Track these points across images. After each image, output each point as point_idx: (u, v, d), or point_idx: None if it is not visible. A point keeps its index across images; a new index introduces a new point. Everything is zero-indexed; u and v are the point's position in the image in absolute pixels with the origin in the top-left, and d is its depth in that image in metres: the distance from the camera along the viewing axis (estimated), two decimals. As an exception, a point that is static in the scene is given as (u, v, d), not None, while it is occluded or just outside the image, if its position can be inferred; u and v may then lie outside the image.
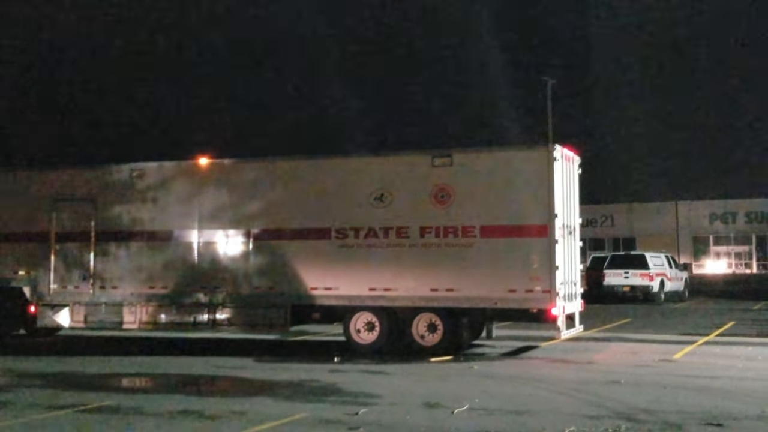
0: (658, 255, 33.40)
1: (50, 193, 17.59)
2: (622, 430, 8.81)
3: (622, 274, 32.02)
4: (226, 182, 16.52)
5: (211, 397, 11.23)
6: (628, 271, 31.95)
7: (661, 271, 32.15)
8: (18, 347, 17.33)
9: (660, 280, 31.81)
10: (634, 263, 32.22)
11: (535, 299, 14.47)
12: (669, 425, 9.08)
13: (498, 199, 14.81)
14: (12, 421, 9.59)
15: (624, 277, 31.94)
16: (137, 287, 16.74)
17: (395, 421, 9.39)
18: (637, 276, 31.67)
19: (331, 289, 15.47)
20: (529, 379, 12.41)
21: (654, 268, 31.87)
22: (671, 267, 33.16)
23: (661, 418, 9.40)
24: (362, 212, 15.43)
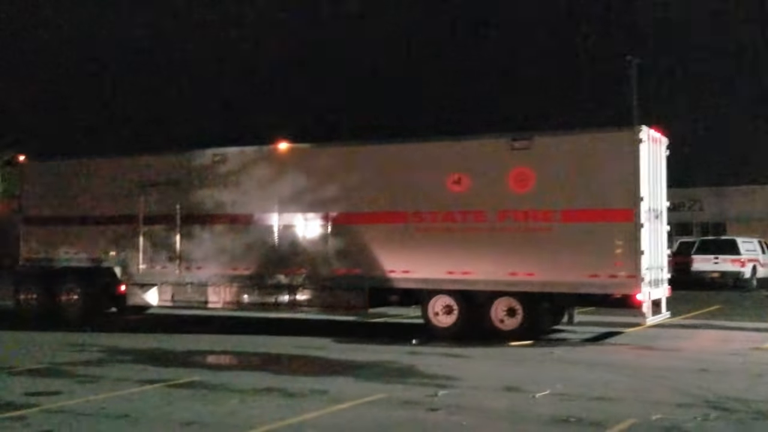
0: (750, 240, 32.25)
1: (138, 177, 18.15)
2: (712, 419, 8.56)
3: (711, 260, 31.06)
4: (305, 166, 16.72)
5: (292, 376, 11.46)
6: (717, 257, 30.97)
7: (753, 256, 31.05)
8: (109, 325, 18.03)
9: (752, 266, 30.74)
10: (725, 248, 31.19)
11: (619, 284, 14.21)
12: (761, 415, 8.78)
13: (580, 183, 14.57)
14: (106, 394, 10.00)
15: (713, 263, 30.98)
16: (221, 268, 17.16)
17: (475, 404, 9.40)
18: (728, 262, 30.69)
19: (408, 272, 15.53)
20: (613, 365, 12.21)
21: (746, 254, 30.80)
22: (764, 252, 31.97)
23: (753, 408, 9.10)
24: (440, 196, 15.41)
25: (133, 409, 9.12)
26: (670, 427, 8.24)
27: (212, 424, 8.51)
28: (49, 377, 11.25)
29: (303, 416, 8.77)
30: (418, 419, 8.69)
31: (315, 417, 8.76)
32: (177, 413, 8.96)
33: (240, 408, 9.18)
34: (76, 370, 11.84)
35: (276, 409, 9.12)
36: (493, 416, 8.80)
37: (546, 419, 8.60)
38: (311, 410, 9.03)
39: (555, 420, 8.56)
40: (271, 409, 9.16)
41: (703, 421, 8.50)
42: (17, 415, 8.84)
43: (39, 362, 12.56)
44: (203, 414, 8.92)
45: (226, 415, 8.83)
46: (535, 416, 8.74)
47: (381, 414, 8.92)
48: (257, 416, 8.77)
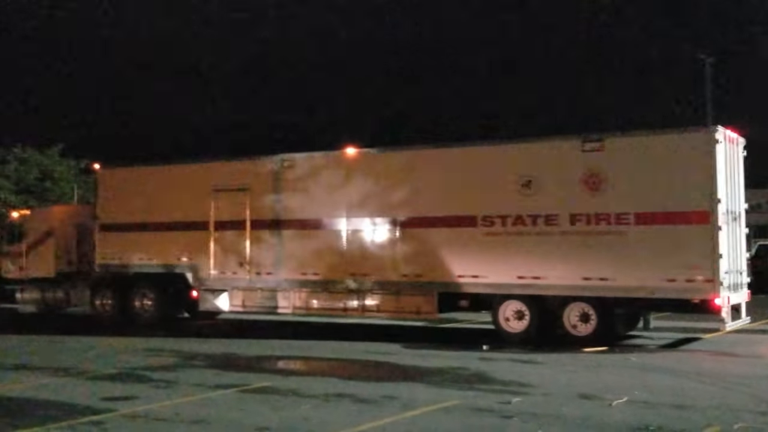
0: (831, 242, 31.05)
1: (209, 183, 18.41)
2: (796, 429, 8.26)
3: (792, 263, 29.95)
4: (373, 171, 16.73)
5: (363, 381, 11.43)
6: (799, 260, 29.86)
7: (834, 259, 29.85)
8: (182, 330, 18.33)
9: (833, 269, 29.53)
10: (806, 251, 30.10)
11: (696, 289, 13.81)
12: None
13: (655, 185, 14.21)
14: (180, 399, 10.15)
15: (795, 266, 29.87)
16: (290, 273, 17.28)
17: (550, 411, 9.22)
18: (808, 265, 29.55)
19: (478, 277, 15.38)
20: (692, 372, 11.86)
21: (826, 256, 29.65)
22: None
23: (840, 417, 8.75)
24: (509, 199, 15.23)
25: (207, 414, 9.23)
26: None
27: (285, 429, 8.55)
28: (125, 382, 11.48)
29: (376, 422, 8.73)
30: (493, 426, 8.56)
31: (388, 423, 8.71)
32: (250, 418, 9.02)
33: (312, 414, 9.20)
34: (152, 375, 12.06)
35: (348, 415, 9.11)
36: (568, 424, 8.62)
37: (624, 427, 8.39)
38: (384, 416, 8.99)
39: (633, 428, 8.34)
40: (343, 415, 9.16)
41: (789, 431, 8.19)
42: (96, 420, 9.04)
43: (115, 367, 12.83)
44: (276, 419, 8.96)
45: (299, 421, 8.85)
46: (613, 424, 8.53)
47: (455, 421, 8.82)
48: (330, 422, 8.78)
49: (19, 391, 10.93)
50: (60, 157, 37.59)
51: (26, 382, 11.55)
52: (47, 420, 9.01)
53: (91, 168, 22.67)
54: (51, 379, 11.85)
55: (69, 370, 12.60)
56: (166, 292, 19.33)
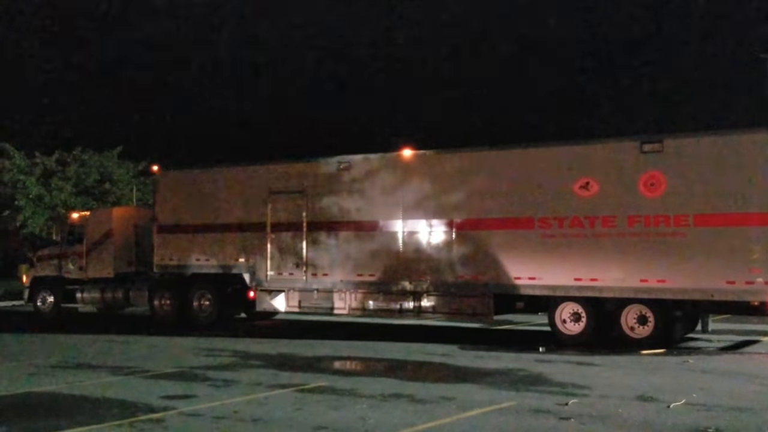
0: None
1: (266, 185, 18.70)
2: None
3: None
4: (429, 173, 16.80)
5: (419, 382, 11.52)
6: None
7: None
8: (240, 330, 18.64)
9: None
10: None
11: (756, 291, 13.59)
12: None
13: (714, 186, 14.01)
14: (239, 398, 10.36)
15: None
16: (346, 274, 17.45)
17: (607, 413, 9.20)
18: None
19: (534, 279, 15.35)
20: (751, 375, 11.69)
21: None
22: None
23: None
24: (566, 201, 15.16)
25: (265, 414, 9.41)
26: (819, 442, 7.85)
27: (342, 429, 8.68)
28: (184, 381, 11.73)
29: (433, 422, 8.82)
30: (550, 428, 8.59)
31: (445, 423, 8.79)
32: (307, 418, 9.17)
33: (369, 413, 9.31)
34: (210, 374, 12.31)
35: (405, 415, 9.21)
36: (626, 426, 8.59)
37: (681, 430, 8.34)
38: (441, 417, 9.07)
39: (690, 431, 8.28)
40: (399, 415, 9.26)
41: None
42: (156, 418, 9.28)
43: (174, 366, 13.12)
44: (333, 419, 9.10)
45: (356, 420, 8.98)
46: (671, 426, 8.48)
47: (511, 422, 8.86)
48: (387, 422, 8.89)
49: (79, 389, 11.25)
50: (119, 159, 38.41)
51: (87, 381, 11.88)
52: (107, 417, 9.28)
53: (150, 170, 23.15)
54: (111, 377, 12.19)
55: (128, 369, 12.94)
56: (224, 293, 19.65)
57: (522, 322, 18.83)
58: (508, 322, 18.70)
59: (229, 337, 17.17)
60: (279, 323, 20.31)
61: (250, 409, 9.64)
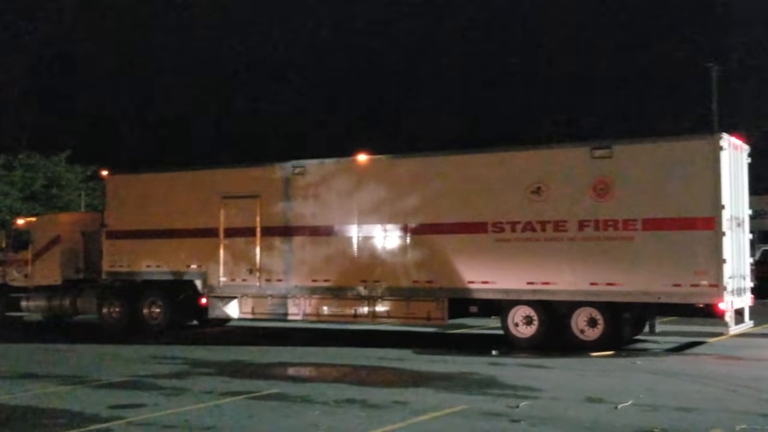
0: (837, 247, 31.08)
1: (219, 190, 18.55)
2: (800, 431, 8.35)
3: (795, 268, 30.01)
4: (384, 178, 16.86)
5: (373, 387, 11.53)
6: (802, 265, 29.91)
7: (838, 264, 29.87)
8: (191, 337, 18.44)
9: (837, 273, 29.55)
10: (810, 256, 30.14)
11: (701, 294, 13.91)
12: None
13: (661, 191, 14.31)
14: (189, 406, 10.23)
15: (798, 271, 29.92)
16: (301, 280, 17.40)
17: (557, 415, 9.32)
18: (813, 270, 29.59)
19: (488, 283, 15.49)
20: (696, 375, 11.95)
21: (832, 262, 29.68)
22: None
23: (844, 420, 8.83)
24: (519, 206, 15.34)
25: (217, 422, 9.30)
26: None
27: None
28: (133, 390, 11.52)
29: (385, 428, 8.83)
30: (501, 430, 8.66)
31: (397, 428, 8.81)
32: (259, 425, 9.11)
33: (322, 420, 9.28)
34: (160, 382, 12.12)
35: (358, 421, 9.21)
36: (576, 427, 8.71)
37: (630, 430, 8.49)
38: (393, 421, 9.09)
39: (639, 431, 8.43)
40: (352, 420, 9.25)
41: (791, 432, 8.30)
42: (103, 428, 9.10)
43: (123, 375, 12.88)
44: (285, 426, 9.06)
45: (308, 427, 8.95)
46: (619, 427, 8.63)
47: (463, 425, 8.92)
48: (339, 428, 8.88)
49: (25, 399, 10.97)
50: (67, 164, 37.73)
51: (32, 390, 11.58)
52: (54, 428, 9.09)
53: (99, 175, 22.79)
54: (58, 387, 11.90)
55: (76, 378, 12.65)
56: (175, 300, 19.41)
57: (476, 325, 18.97)
58: (462, 326, 18.83)
59: (180, 345, 16.96)
60: (232, 330, 20.15)
61: (201, 418, 9.53)
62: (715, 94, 38.21)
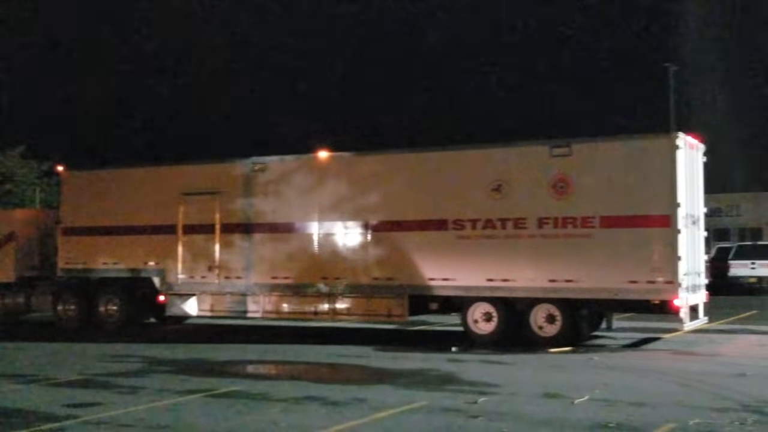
0: (787, 245, 31.84)
1: (177, 186, 18.35)
2: (749, 423, 8.53)
3: (748, 265, 30.74)
4: (346, 175, 16.82)
5: (333, 384, 11.52)
6: (755, 262, 30.65)
7: (789, 261, 30.62)
8: (149, 335, 18.23)
9: (788, 270, 30.31)
10: (762, 253, 30.88)
11: (657, 290, 14.11)
12: (802, 421, 8.72)
13: (619, 189, 14.49)
14: (146, 405, 10.12)
15: (751, 268, 30.66)
16: (260, 277, 17.29)
17: (515, 410, 9.40)
18: (765, 267, 30.36)
19: (448, 280, 15.55)
20: (652, 371, 12.14)
21: (783, 259, 30.40)
22: (800, 257, 31.52)
23: (792, 413, 9.04)
24: (479, 203, 15.42)
25: (174, 420, 9.22)
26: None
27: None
28: (88, 388, 11.36)
29: (344, 425, 8.83)
30: (459, 426, 8.71)
31: (357, 425, 8.81)
32: (217, 423, 9.04)
33: (280, 417, 9.25)
34: (116, 381, 11.96)
35: (317, 418, 9.19)
36: (532, 422, 8.79)
37: (585, 425, 8.59)
38: (352, 419, 9.09)
39: (595, 426, 8.55)
40: (311, 417, 9.23)
41: (740, 425, 8.49)
42: (57, 427, 8.96)
43: (79, 373, 12.69)
44: (243, 424, 9.00)
45: (267, 425, 8.91)
46: (575, 422, 8.73)
47: (422, 422, 8.95)
48: (298, 425, 8.85)
49: (-21, 398, 10.75)
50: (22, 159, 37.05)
51: (-14, 390, 11.35)
52: (6, 428, 8.92)
53: (55, 170, 22.41)
54: (11, 386, 11.67)
55: (30, 376, 12.43)
56: (132, 297, 19.15)
57: (436, 322, 19.04)
58: (423, 322, 18.88)
59: (137, 343, 16.75)
60: (190, 328, 19.96)
61: (158, 416, 9.43)
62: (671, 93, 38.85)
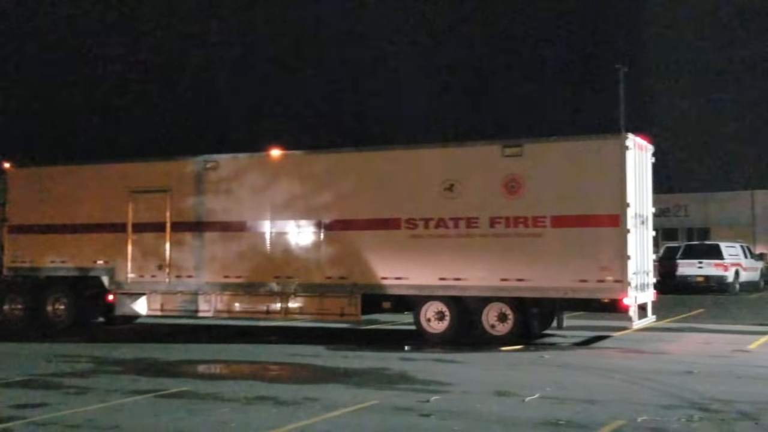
0: (733, 245, 32.60)
1: (127, 184, 18.08)
2: (696, 420, 8.70)
3: (696, 264, 31.37)
4: (298, 173, 16.74)
5: (285, 384, 11.46)
6: (702, 261, 31.28)
7: (736, 261, 31.37)
8: (98, 335, 17.92)
9: (735, 270, 31.05)
10: (709, 253, 31.52)
11: (606, 289, 14.32)
12: (743, 415, 8.93)
13: (569, 189, 14.67)
14: (94, 405, 9.95)
15: (698, 267, 31.29)
16: (212, 276, 17.13)
17: (466, 408, 9.44)
18: (712, 266, 31.00)
19: (401, 279, 15.57)
20: (601, 368, 12.30)
21: (729, 258, 31.14)
22: (746, 257, 32.33)
23: (735, 408, 9.25)
24: (432, 202, 15.47)
25: (123, 420, 9.07)
26: (656, 429, 8.37)
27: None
28: (35, 389, 11.12)
29: (295, 424, 8.78)
30: (411, 425, 8.73)
31: (308, 425, 8.77)
32: (167, 423, 8.93)
33: (231, 417, 9.16)
34: (64, 381, 11.74)
35: (268, 418, 9.12)
36: (484, 420, 8.85)
37: (536, 422, 8.67)
38: (304, 418, 9.04)
39: (545, 423, 8.64)
40: (262, 417, 9.16)
41: (687, 422, 8.65)
42: (2, 428, 8.77)
43: (25, 374, 12.41)
44: (193, 424, 8.90)
45: (217, 425, 8.82)
46: (526, 420, 8.81)
47: (374, 420, 8.94)
48: (248, 425, 8.78)
49: None
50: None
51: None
52: (-48, 428, 8.73)
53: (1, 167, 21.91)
54: (-44, 387, 11.41)
55: (-25, 377, 12.15)
56: (81, 296, 18.80)
57: (389, 321, 19.06)
58: (376, 321, 18.89)
59: (85, 343, 16.46)
60: (140, 327, 19.66)
61: (106, 417, 9.27)
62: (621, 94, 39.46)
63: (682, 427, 8.42)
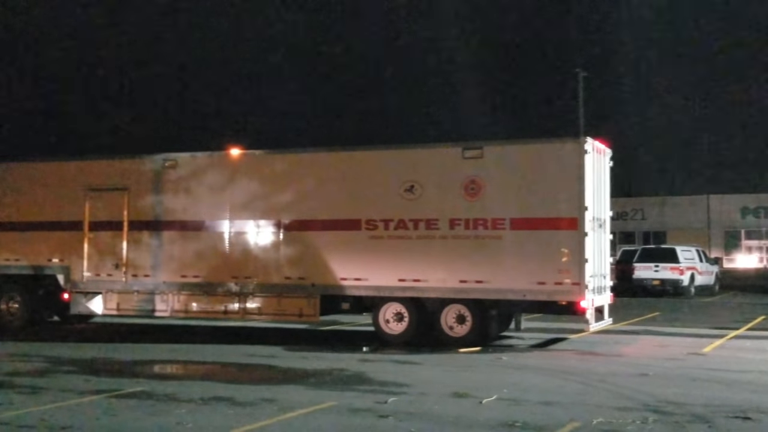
0: (688, 249, 33.14)
1: (84, 182, 17.81)
2: (650, 422, 8.82)
3: (652, 268, 31.83)
4: (258, 173, 16.65)
5: (242, 385, 11.38)
6: (658, 265, 31.74)
7: (691, 264, 31.89)
8: (52, 334, 17.64)
9: (690, 273, 31.56)
10: (665, 257, 31.99)
11: (564, 291, 14.46)
12: (697, 418, 9.07)
13: (528, 192, 14.79)
14: (47, 405, 9.79)
15: (654, 271, 31.75)
16: (169, 276, 16.95)
17: (424, 410, 9.47)
18: (668, 269, 31.46)
19: (360, 280, 15.56)
20: (558, 370, 12.42)
21: (684, 262, 31.63)
22: (702, 261, 32.88)
23: (689, 411, 9.40)
24: (392, 204, 15.49)
25: (76, 421, 8.95)
26: (611, 431, 8.47)
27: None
28: (-12, 388, 10.95)
29: (251, 425, 8.73)
30: (368, 426, 8.73)
31: (265, 426, 8.73)
32: (121, 424, 8.83)
33: (187, 418, 9.08)
34: (17, 380, 11.54)
35: (224, 419, 9.06)
36: (441, 422, 8.88)
37: (493, 424, 8.73)
38: (261, 419, 9.00)
39: (501, 424, 8.70)
40: (219, 418, 9.09)
41: (642, 424, 8.76)
42: (-45, 428, 8.64)
43: (-23, 373, 12.22)
44: (149, 425, 8.81)
45: (173, 426, 8.74)
46: (483, 421, 8.86)
47: (331, 422, 8.93)
48: (204, 426, 8.71)
49: None
50: None
51: None
52: None
53: None
54: None
55: (-75, 377, 11.88)
56: (35, 295, 18.48)
57: (348, 322, 19.04)
58: (334, 322, 18.86)
59: (39, 342, 16.19)
60: (95, 327, 19.40)
61: (60, 417, 9.13)
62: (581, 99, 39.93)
63: (636, 429, 8.54)
